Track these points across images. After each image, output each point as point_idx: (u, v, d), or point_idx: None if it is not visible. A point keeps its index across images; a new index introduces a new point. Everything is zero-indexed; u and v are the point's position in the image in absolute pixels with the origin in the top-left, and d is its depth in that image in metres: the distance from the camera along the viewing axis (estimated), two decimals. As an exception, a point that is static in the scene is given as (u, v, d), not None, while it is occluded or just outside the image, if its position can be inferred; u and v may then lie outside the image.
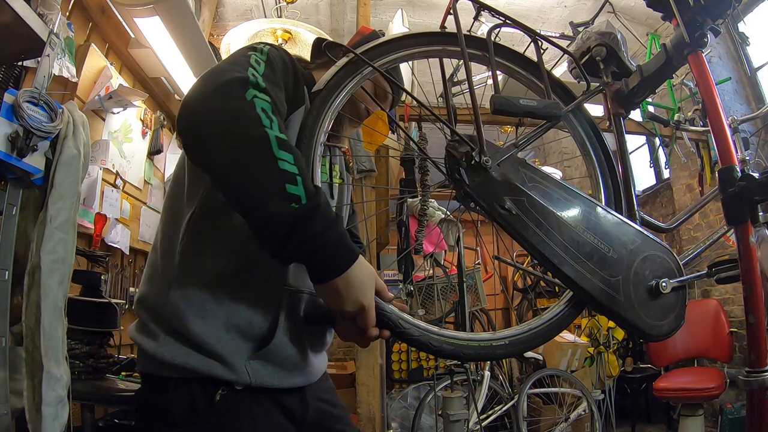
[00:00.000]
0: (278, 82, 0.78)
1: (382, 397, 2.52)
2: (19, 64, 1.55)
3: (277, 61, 0.81)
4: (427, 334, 0.76)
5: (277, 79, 0.78)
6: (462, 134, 0.85)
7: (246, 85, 0.69)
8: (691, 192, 4.07)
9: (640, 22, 4.03)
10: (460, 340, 0.78)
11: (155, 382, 0.78)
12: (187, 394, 0.76)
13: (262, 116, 0.66)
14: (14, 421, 1.25)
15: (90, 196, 1.99)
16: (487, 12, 0.91)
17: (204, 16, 3.52)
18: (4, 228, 1.30)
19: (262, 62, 0.76)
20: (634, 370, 3.94)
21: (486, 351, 0.81)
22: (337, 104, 0.83)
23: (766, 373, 0.84)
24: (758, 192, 0.87)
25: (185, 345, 0.76)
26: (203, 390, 0.76)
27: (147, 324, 0.80)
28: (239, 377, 0.77)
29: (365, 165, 2.73)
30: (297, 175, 0.66)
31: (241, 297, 0.79)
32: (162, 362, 0.76)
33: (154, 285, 0.83)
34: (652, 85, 1.01)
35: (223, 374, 0.76)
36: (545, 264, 0.83)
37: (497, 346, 0.80)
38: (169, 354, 0.76)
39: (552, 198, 0.85)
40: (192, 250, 0.80)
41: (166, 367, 0.76)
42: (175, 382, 0.76)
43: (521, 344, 0.82)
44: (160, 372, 0.77)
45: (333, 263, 0.69)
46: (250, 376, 0.78)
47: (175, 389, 0.76)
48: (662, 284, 0.85)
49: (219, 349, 0.76)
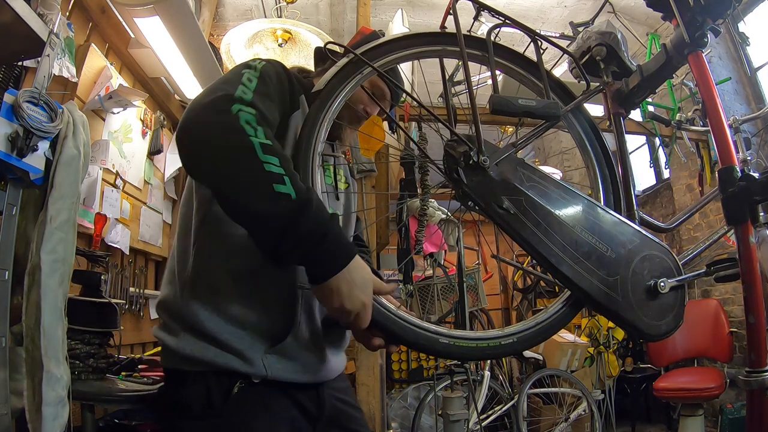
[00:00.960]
0: (270, 94, 0.81)
1: (382, 397, 2.52)
2: (19, 64, 1.55)
3: (270, 75, 0.84)
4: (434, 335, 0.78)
5: (269, 91, 0.81)
6: (461, 134, 0.85)
7: (232, 101, 0.73)
8: (691, 192, 4.07)
9: (640, 22, 4.03)
10: (468, 340, 0.80)
11: (176, 376, 0.82)
12: (204, 387, 0.78)
13: (246, 127, 0.70)
14: (14, 421, 1.25)
15: (90, 196, 1.99)
16: (487, 12, 0.91)
17: (204, 16, 3.52)
18: (4, 228, 1.30)
19: (254, 78, 0.80)
20: (634, 370, 3.94)
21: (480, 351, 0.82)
22: (337, 103, 0.83)
23: (766, 373, 0.84)
24: (758, 192, 0.87)
25: (202, 340, 0.80)
26: (219, 383, 0.79)
27: (168, 323, 0.86)
28: (256, 370, 0.79)
29: (365, 165, 2.72)
30: (284, 175, 0.68)
31: (254, 297, 0.82)
32: (182, 356, 0.80)
33: (172, 288, 0.88)
34: (652, 85, 1.01)
35: (240, 367, 0.79)
36: (543, 263, 0.83)
37: (504, 344, 0.82)
38: (189, 348, 0.80)
39: (550, 197, 0.85)
40: (204, 254, 0.84)
41: (186, 361, 0.80)
42: (194, 376, 0.80)
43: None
44: (181, 366, 0.81)
45: (329, 262, 0.69)
46: (267, 369, 0.80)
47: (193, 383, 0.79)
48: (660, 284, 0.85)
49: (235, 344, 0.79)
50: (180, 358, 0.81)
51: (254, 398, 0.80)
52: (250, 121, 0.71)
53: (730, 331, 3.31)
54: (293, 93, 0.89)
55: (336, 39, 3.75)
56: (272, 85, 0.83)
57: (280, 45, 2.83)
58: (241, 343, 0.80)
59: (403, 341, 0.77)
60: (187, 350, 0.80)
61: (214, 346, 0.79)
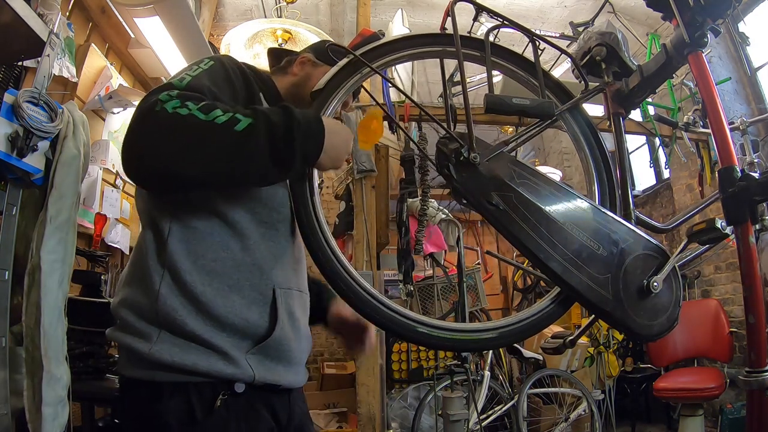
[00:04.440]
0: (212, 83, 0.80)
1: (382, 397, 2.52)
2: (19, 64, 1.55)
3: (215, 77, 0.83)
4: None
5: (210, 81, 0.80)
6: (455, 132, 0.85)
7: (156, 103, 0.71)
8: (691, 192, 4.07)
9: (640, 22, 4.03)
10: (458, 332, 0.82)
11: (147, 388, 0.73)
12: (184, 402, 0.72)
13: (176, 110, 0.70)
14: (14, 421, 1.25)
15: (90, 196, 1.99)
16: (486, 13, 0.91)
17: (204, 16, 3.52)
18: (4, 228, 1.30)
19: (186, 79, 0.79)
20: (634, 370, 3.94)
21: None
22: (335, 103, 0.85)
23: (766, 373, 0.84)
24: (758, 192, 0.87)
25: (183, 339, 0.74)
26: (201, 396, 0.73)
27: (135, 325, 0.75)
28: (242, 371, 0.76)
29: (365, 165, 2.73)
30: (233, 114, 0.70)
31: (233, 294, 0.79)
32: (157, 363, 0.72)
33: (140, 285, 0.78)
34: (652, 85, 1.01)
35: (225, 369, 0.74)
36: (532, 259, 0.83)
37: None
38: (167, 352, 0.72)
39: (541, 194, 0.85)
40: (178, 250, 0.77)
41: (160, 370, 0.73)
42: (171, 388, 0.73)
43: None
44: (153, 377, 0.73)
45: (313, 140, 0.75)
46: (254, 370, 0.77)
47: (170, 397, 0.72)
48: (653, 284, 0.84)
49: (218, 342, 0.75)
50: (154, 366, 0.72)
51: (237, 413, 0.75)
52: (176, 105, 0.70)
53: (730, 331, 3.30)
54: (248, 84, 0.89)
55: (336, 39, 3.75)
56: (214, 85, 0.81)
57: (280, 45, 2.83)
58: (225, 343, 0.75)
59: (379, 325, 0.80)
60: (165, 355, 0.72)
61: (196, 347, 0.74)
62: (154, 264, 0.78)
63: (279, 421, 0.84)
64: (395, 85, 0.88)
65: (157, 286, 0.76)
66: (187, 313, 0.75)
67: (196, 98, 0.72)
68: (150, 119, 0.70)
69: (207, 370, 0.74)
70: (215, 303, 0.76)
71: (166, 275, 0.76)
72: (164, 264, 0.77)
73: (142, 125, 0.71)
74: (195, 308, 0.75)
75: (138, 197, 0.89)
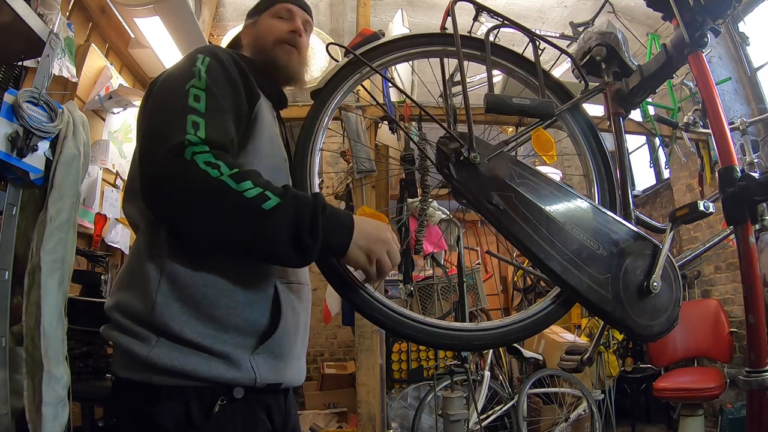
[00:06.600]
0: (221, 107, 0.77)
1: (382, 397, 2.52)
2: (19, 64, 1.55)
3: (217, 79, 0.79)
4: None
5: (219, 105, 0.77)
6: (455, 132, 0.85)
7: (182, 149, 0.69)
8: (691, 192, 4.07)
9: (640, 22, 4.03)
10: None
11: (143, 390, 0.72)
12: (182, 405, 0.71)
13: (208, 169, 0.69)
14: (14, 421, 1.25)
15: (90, 196, 1.99)
16: (486, 13, 0.91)
17: (204, 16, 3.52)
18: (4, 228, 1.30)
19: (201, 94, 0.76)
20: (634, 370, 3.93)
21: None
22: (336, 102, 0.85)
23: (766, 373, 0.84)
24: (758, 192, 0.87)
25: (183, 345, 0.72)
26: (200, 400, 0.72)
27: (132, 327, 0.74)
28: (243, 374, 0.75)
29: (365, 165, 2.73)
30: (263, 191, 0.69)
31: (235, 294, 0.78)
32: (155, 367, 0.71)
33: (136, 289, 0.77)
34: (652, 85, 1.01)
35: (225, 374, 0.73)
36: (532, 259, 0.83)
37: None
38: (166, 356, 0.71)
39: (541, 194, 0.85)
40: (176, 253, 0.76)
41: (158, 373, 0.71)
42: (168, 391, 0.72)
43: None
44: (149, 380, 0.72)
45: (340, 229, 0.73)
46: (256, 372, 0.76)
47: (168, 399, 0.71)
48: (653, 284, 0.84)
49: (220, 346, 0.74)
50: (152, 370, 0.71)
51: (234, 418, 0.74)
52: (208, 160, 0.69)
53: (730, 331, 3.30)
54: (249, 84, 0.85)
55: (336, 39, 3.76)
56: (221, 90, 0.78)
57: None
58: (227, 346, 0.75)
59: None
60: (164, 360, 0.71)
61: (197, 352, 0.72)
62: (151, 268, 0.76)
63: (275, 424, 0.84)
64: (395, 85, 0.88)
65: (153, 294, 0.74)
66: (187, 318, 0.74)
67: (227, 160, 0.71)
68: (180, 168, 0.69)
69: (207, 375, 0.73)
70: (217, 304, 0.76)
71: (164, 280, 0.75)
72: (162, 268, 0.76)
73: (170, 168, 0.69)
74: (195, 312, 0.74)
75: (128, 203, 0.86)
